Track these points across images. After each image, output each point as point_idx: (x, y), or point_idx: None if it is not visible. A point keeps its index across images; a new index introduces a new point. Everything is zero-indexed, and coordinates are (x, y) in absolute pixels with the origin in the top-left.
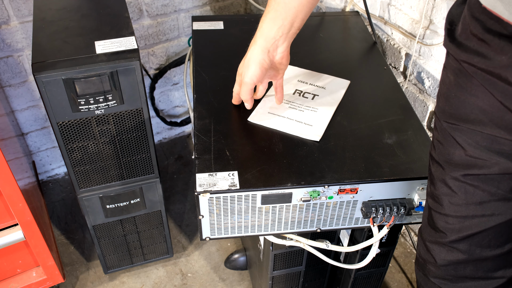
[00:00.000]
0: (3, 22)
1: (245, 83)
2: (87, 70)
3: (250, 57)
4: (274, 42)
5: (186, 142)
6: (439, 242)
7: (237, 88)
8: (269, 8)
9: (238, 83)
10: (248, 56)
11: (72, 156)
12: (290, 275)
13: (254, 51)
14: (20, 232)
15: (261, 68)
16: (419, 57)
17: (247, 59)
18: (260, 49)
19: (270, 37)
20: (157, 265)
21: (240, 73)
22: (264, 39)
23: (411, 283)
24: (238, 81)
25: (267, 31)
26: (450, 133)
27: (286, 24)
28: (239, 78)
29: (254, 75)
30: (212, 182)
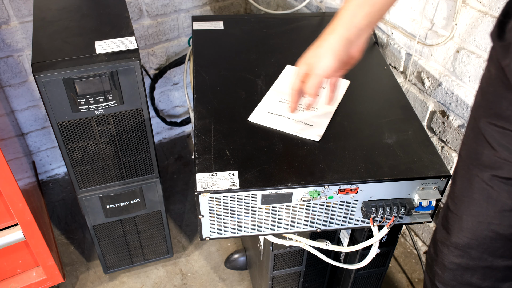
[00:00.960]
0: (3, 22)
1: (316, 75)
2: (87, 70)
3: (326, 46)
4: (356, 32)
5: (186, 142)
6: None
7: (297, 83)
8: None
9: (300, 76)
10: (322, 45)
11: (72, 156)
12: (290, 275)
13: (332, 40)
14: (20, 232)
15: (338, 60)
16: (419, 57)
17: (320, 48)
18: (339, 38)
19: (354, 25)
20: (157, 265)
21: (309, 63)
22: (345, 28)
23: (411, 283)
24: (301, 73)
25: (350, 19)
26: (482, 131)
27: (373, 12)
28: (303, 69)
29: (328, 67)
30: (212, 182)
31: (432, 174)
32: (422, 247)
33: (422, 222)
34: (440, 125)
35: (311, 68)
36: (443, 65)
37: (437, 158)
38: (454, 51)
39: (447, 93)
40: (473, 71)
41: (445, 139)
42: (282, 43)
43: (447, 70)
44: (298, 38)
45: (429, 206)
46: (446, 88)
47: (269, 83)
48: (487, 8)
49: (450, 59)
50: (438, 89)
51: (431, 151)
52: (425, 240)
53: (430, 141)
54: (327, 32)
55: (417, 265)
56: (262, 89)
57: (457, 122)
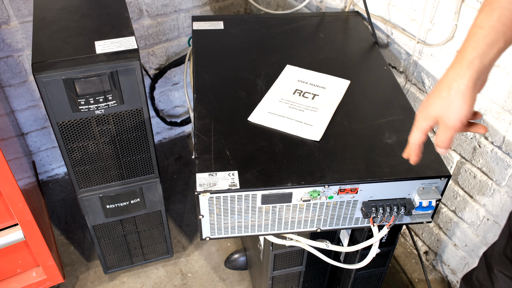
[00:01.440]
0: (3, 22)
1: (451, 127)
2: (87, 70)
3: (455, 93)
4: (487, 71)
5: (186, 142)
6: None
7: (417, 136)
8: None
9: (421, 129)
10: (451, 93)
11: (72, 156)
12: (290, 275)
13: (462, 86)
14: (20, 232)
15: (472, 106)
16: (419, 57)
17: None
18: (470, 82)
19: (484, 65)
20: (157, 265)
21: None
22: (475, 69)
23: (411, 283)
24: (425, 127)
25: (480, 59)
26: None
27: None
28: (429, 123)
29: (464, 116)
30: (212, 182)
31: (432, 174)
32: (422, 247)
33: (422, 222)
34: None
35: (442, 120)
36: (443, 65)
37: (437, 158)
38: (454, 51)
39: None
40: None
41: None
42: (282, 43)
43: None
44: (298, 38)
45: (429, 206)
46: None
47: (269, 83)
48: None
49: (450, 59)
50: None
51: (431, 151)
52: (425, 240)
53: (430, 141)
54: (453, 76)
55: (417, 265)
56: (262, 89)
57: None
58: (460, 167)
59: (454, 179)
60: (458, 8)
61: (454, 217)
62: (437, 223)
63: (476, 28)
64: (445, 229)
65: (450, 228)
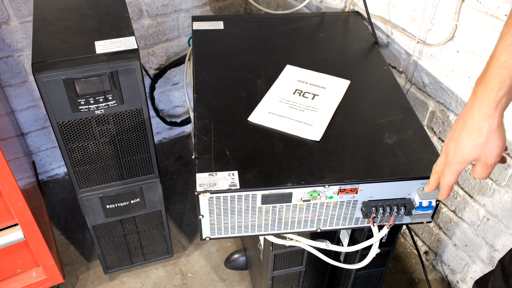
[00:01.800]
0: (3, 22)
1: (491, 165)
2: (87, 70)
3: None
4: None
5: (186, 142)
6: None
7: (452, 179)
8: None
9: (456, 172)
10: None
11: (72, 156)
12: (290, 275)
13: (496, 120)
14: (20, 232)
15: (505, 135)
16: (419, 57)
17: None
18: (501, 114)
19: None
20: (157, 265)
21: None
22: (507, 99)
23: (411, 283)
24: (458, 169)
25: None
26: None
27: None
28: (461, 165)
29: (501, 150)
30: (212, 182)
31: None
32: (422, 247)
33: (422, 222)
34: (440, 125)
35: (481, 160)
36: (443, 65)
37: (437, 158)
38: (454, 51)
39: (447, 93)
40: (473, 71)
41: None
42: (282, 43)
43: (447, 70)
44: (298, 38)
45: (429, 206)
46: (446, 88)
47: (269, 83)
48: (487, 8)
49: (450, 59)
50: (438, 89)
51: (431, 151)
52: (425, 240)
53: (430, 141)
54: (482, 117)
55: (417, 265)
56: (262, 89)
57: None
58: None
59: None
60: (458, 8)
61: (454, 217)
62: (437, 223)
63: (502, 69)
64: (445, 229)
65: (450, 228)
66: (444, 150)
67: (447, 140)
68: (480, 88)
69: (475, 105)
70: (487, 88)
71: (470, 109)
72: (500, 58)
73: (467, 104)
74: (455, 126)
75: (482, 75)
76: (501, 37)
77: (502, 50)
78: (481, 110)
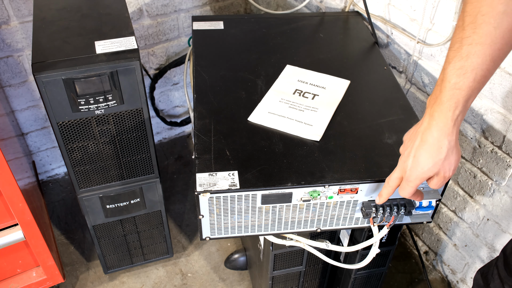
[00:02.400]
0: (3, 22)
1: (448, 177)
2: (87, 70)
3: (448, 146)
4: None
5: (186, 142)
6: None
7: (411, 191)
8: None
9: (414, 186)
10: (442, 146)
11: (72, 156)
12: (290, 275)
13: (453, 137)
14: (20, 232)
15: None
16: (419, 57)
17: (441, 152)
18: (458, 131)
19: (466, 111)
20: (157, 265)
21: (429, 176)
22: (462, 116)
23: (411, 283)
24: (417, 184)
25: (466, 106)
26: None
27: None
28: (420, 181)
29: (457, 164)
30: (212, 182)
31: None
32: (422, 247)
33: (422, 222)
34: None
35: (440, 175)
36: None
37: None
38: None
39: None
40: None
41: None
42: (282, 43)
43: None
44: (298, 38)
45: (429, 206)
46: None
47: (269, 83)
48: None
49: None
50: None
51: None
52: (425, 240)
53: None
54: (440, 135)
55: (417, 265)
56: (262, 89)
57: None
58: (460, 167)
59: (454, 179)
60: (458, 8)
61: (454, 217)
62: (437, 223)
63: (455, 91)
64: (445, 229)
65: (450, 228)
66: (401, 166)
67: (404, 158)
68: (437, 109)
69: (433, 124)
70: (443, 108)
71: (429, 128)
72: (452, 80)
73: (424, 123)
74: (410, 144)
75: (436, 97)
76: (449, 60)
77: (452, 73)
78: (440, 129)
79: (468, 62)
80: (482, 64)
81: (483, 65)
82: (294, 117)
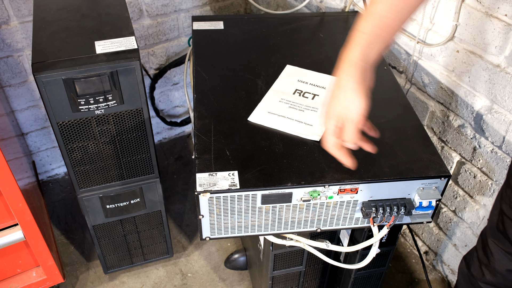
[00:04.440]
0: (3, 22)
1: (354, 121)
2: (87, 70)
3: (350, 91)
4: (371, 69)
5: (186, 142)
6: (504, 249)
7: (332, 140)
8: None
9: (331, 131)
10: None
11: (72, 156)
12: (290, 275)
13: (352, 85)
14: (20, 232)
15: (366, 97)
16: (419, 57)
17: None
18: (358, 80)
19: (367, 64)
20: (157, 265)
21: (339, 114)
22: (360, 69)
23: (411, 283)
24: (331, 128)
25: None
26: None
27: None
28: (334, 123)
29: (362, 109)
30: (212, 182)
31: (432, 174)
32: (422, 247)
33: (422, 222)
34: (440, 125)
35: (346, 118)
36: (443, 65)
37: (437, 158)
38: (454, 51)
39: (447, 93)
40: (473, 71)
41: (445, 139)
42: (282, 43)
43: (447, 70)
44: (298, 38)
45: (429, 206)
46: (446, 88)
47: (269, 83)
48: (487, 8)
49: (450, 59)
50: (438, 89)
51: (431, 151)
52: (425, 240)
53: (430, 141)
54: (343, 77)
55: (417, 265)
56: (262, 89)
57: (457, 122)
58: (460, 167)
59: (454, 179)
60: (458, 8)
61: (454, 217)
62: (437, 223)
63: (359, 33)
64: (445, 229)
65: (450, 228)
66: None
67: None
68: (344, 53)
69: (340, 67)
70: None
71: (337, 70)
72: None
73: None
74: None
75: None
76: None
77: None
78: (342, 71)
79: (374, 7)
80: (387, 12)
81: (388, 12)
82: (294, 117)
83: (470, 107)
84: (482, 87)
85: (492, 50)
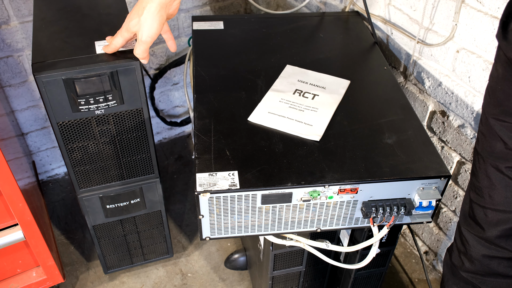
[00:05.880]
0: (3, 22)
1: (144, 42)
2: (87, 70)
3: (146, 13)
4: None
5: (186, 142)
6: (477, 234)
7: (119, 40)
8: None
9: (123, 37)
10: (142, 12)
11: (72, 156)
12: (290, 275)
13: (151, 7)
14: (20, 232)
15: (160, 25)
16: (419, 57)
17: (142, 16)
18: (158, 5)
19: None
20: (157, 265)
21: (132, 30)
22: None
23: (411, 283)
24: (126, 35)
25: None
26: (493, 126)
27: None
28: (127, 33)
29: (154, 33)
30: (212, 182)
31: (432, 174)
32: (422, 247)
33: (422, 222)
34: (440, 125)
35: (139, 35)
36: (443, 65)
37: (437, 158)
38: (454, 51)
39: (447, 93)
40: (473, 71)
41: (445, 139)
42: (282, 43)
43: (447, 70)
44: (298, 38)
45: (429, 206)
46: (446, 88)
47: (269, 83)
48: (487, 8)
49: (450, 59)
50: (438, 89)
51: (431, 151)
52: (425, 240)
53: (430, 141)
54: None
55: (417, 265)
56: (262, 89)
57: (457, 122)
58: (460, 167)
59: (454, 179)
60: (458, 8)
61: (454, 217)
62: (437, 223)
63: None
64: (445, 229)
65: (450, 228)
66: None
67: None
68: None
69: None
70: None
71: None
72: None
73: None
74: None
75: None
76: None
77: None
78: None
79: None
80: None
81: None
82: (294, 117)
83: (470, 107)
84: (482, 87)
85: (492, 50)
